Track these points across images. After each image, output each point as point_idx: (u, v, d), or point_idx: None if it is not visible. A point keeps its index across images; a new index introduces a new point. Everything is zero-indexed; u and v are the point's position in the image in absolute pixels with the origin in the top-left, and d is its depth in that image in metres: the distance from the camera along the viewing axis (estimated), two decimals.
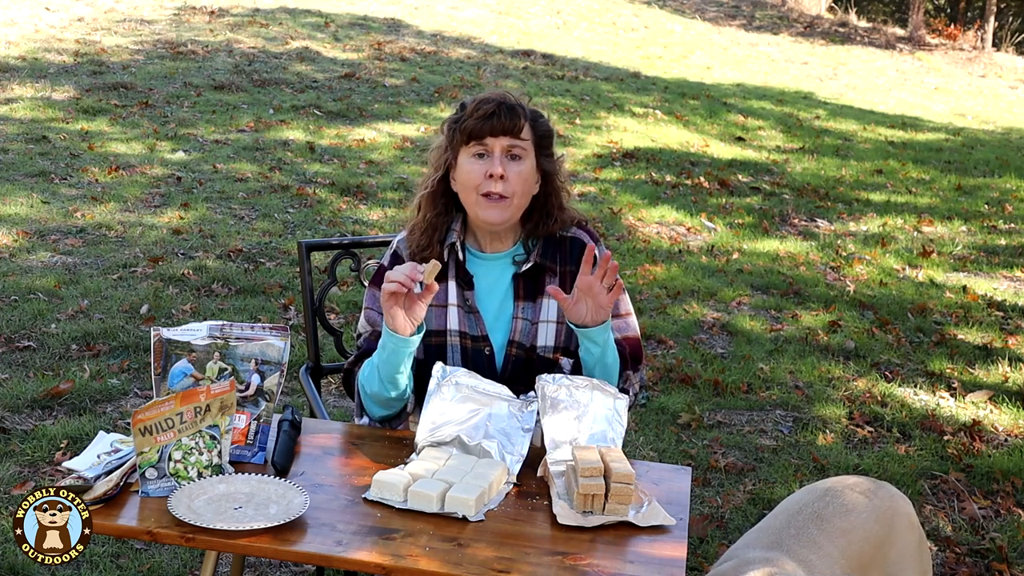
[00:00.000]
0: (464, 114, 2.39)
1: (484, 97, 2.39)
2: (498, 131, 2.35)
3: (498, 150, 2.36)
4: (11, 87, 9.33)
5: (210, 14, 13.39)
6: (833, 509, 2.30)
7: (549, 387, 2.21)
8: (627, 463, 2.01)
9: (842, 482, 2.43)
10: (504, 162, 2.35)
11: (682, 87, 12.74)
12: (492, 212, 2.37)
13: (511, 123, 2.36)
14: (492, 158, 2.36)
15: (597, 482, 1.95)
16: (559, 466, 2.11)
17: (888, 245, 7.16)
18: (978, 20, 21.48)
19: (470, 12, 15.98)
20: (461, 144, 2.39)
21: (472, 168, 2.37)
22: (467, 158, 2.38)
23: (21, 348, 4.61)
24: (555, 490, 2.04)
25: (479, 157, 2.37)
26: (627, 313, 2.50)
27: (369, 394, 2.35)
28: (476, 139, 2.36)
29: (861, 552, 2.27)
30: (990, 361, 5.20)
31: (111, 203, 6.71)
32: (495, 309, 2.45)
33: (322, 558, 1.83)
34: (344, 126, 9.21)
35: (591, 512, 1.96)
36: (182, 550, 3.24)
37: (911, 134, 11.49)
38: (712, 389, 4.67)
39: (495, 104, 2.36)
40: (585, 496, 1.95)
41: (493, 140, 2.35)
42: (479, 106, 2.37)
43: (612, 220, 7.26)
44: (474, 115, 2.36)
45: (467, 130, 2.36)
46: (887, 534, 2.33)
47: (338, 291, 5.45)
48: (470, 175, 2.37)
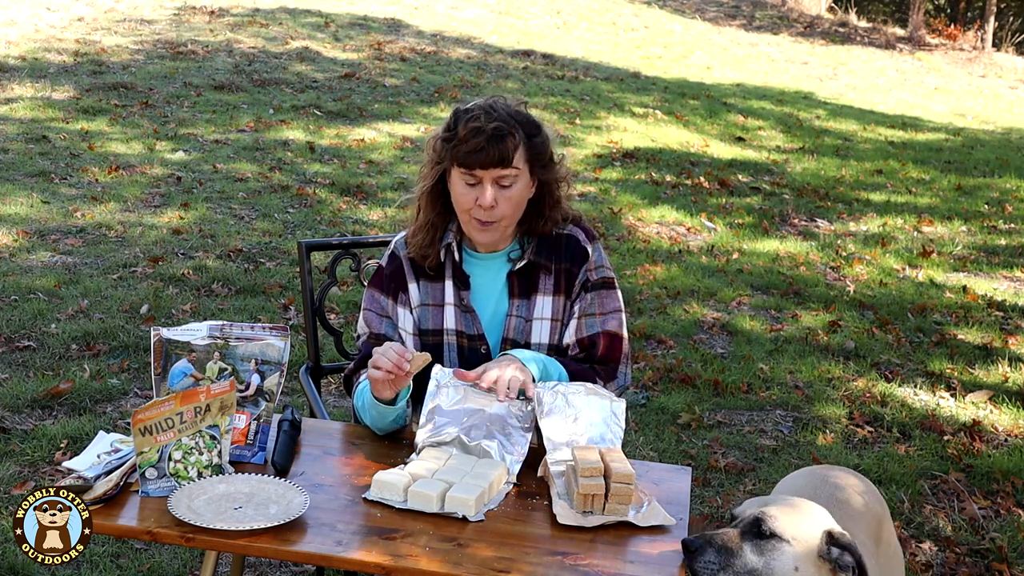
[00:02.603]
0: (456, 137, 2.32)
1: (476, 125, 2.30)
2: (488, 164, 2.30)
3: (488, 180, 2.32)
4: (11, 87, 9.33)
5: (210, 14, 13.39)
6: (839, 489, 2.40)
7: (546, 395, 2.22)
8: (627, 463, 2.01)
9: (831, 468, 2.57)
10: (495, 191, 2.32)
11: (682, 87, 12.74)
12: (483, 235, 2.39)
13: (500, 157, 2.30)
14: (482, 188, 2.32)
15: (597, 482, 1.95)
16: (559, 466, 2.11)
17: (888, 245, 7.16)
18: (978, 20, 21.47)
19: (470, 12, 15.98)
20: (452, 164, 2.35)
21: (463, 192, 2.34)
22: (459, 179, 2.35)
23: (21, 348, 4.61)
24: (555, 490, 2.04)
25: (469, 185, 2.33)
26: (613, 311, 2.46)
27: (365, 419, 2.37)
28: (466, 168, 2.32)
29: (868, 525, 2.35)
30: (990, 361, 5.20)
31: (111, 203, 6.71)
32: (491, 308, 2.45)
33: (322, 558, 1.83)
34: (344, 126, 9.20)
35: (591, 512, 1.96)
36: (182, 550, 3.24)
37: (911, 134, 11.49)
38: (712, 389, 4.67)
39: (485, 138, 2.28)
40: (585, 496, 1.95)
41: (483, 172, 2.31)
42: (470, 135, 2.29)
43: (612, 220, 7.26)
44: (464, 144, 2.30)
45: (457, 158, 2.32)
46: (884, 513, 2.44)
47: (338, 291, 5.45)
48: (462, 197, 2.35)
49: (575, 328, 2.43)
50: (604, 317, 2.44)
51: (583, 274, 2.44)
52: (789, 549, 1.94)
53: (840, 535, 1.95)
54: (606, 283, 2.46)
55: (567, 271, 2.44)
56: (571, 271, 2.44)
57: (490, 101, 2.38)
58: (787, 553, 1.93)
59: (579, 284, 2.44)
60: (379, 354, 2.18)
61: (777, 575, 1.92)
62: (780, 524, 1.96)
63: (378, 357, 2.17)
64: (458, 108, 2.40)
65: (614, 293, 2.47)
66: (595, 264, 2.46)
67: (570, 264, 2.44)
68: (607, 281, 2.46)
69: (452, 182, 2.38)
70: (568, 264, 2.44)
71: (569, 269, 2.44)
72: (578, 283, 2.44)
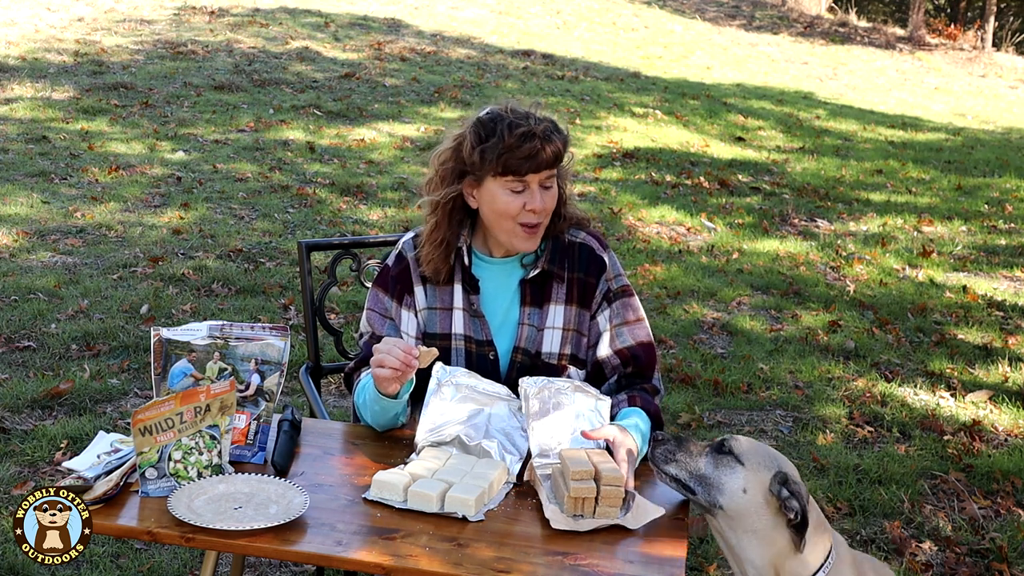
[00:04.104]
0: (500, 143, 2.26)
1: (525, 131, 2.25)
2: (543, 167, 2.28)
3: (535, 183, 2.29)
4: (11, 87, 9.33)
5: (210, 14, 13.39)
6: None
7: (532, 389, 2.20)
8: (615, 465, 2.01)
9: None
10: (541, 193, 2.30)
11: (682, 87, 12.74)
12: (529, 242, 2.35)
13: (555, 156, 2.29)
14: (531, 192, 2.29)
15: (588, 485, 1.94)
16: (545, 469, 2.09)
17: (888, 245, 7.16)
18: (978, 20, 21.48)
19: (470, 12, 15.98)
20: (494, 173, 2.29)
21: (509, 200, 2.29)
22: (500, 188, 2.29)
23: (21, 348, 4.61)
24: (543, 494, 2.03)
25: (516, 191, 2.29)
26: (637, 320, 2.43)
27: (365, 416, 2.36)
28: (515, 175, 2.28)
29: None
30: (990, 361, 5.20)
31: (111, 203, 6.71)
32: (501, 314, 2.41)
33: (322, 558, 1.83)
34: (344, 126, 9.20)
35: (581, 515, 1.95)
36: (182, 550, 3.24)
37: (911, 134, 11.49)
38: (712, 389, 4.67)
39: (539, 142, 2.25)
40: (576, 499, 1.94)
41: (534, 175, 2.28)
42: (520, 142, 2.24)
43: (612, 220, 7.26)
44: (516, 151, 2.25)
45: (507, 165, 2.26)
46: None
47: (338, 291, 5.45)
48: (507, 207, 2.30)
49: (608, 340, 2.39)
50: (634, 326, 2.41)
51: (603, 284, 2.41)
52: (742, 471, 2.03)
53: (794, 481, 2.03)
54: (626, 291, 2.43)
55: (581, 281, 2.41)
56: (587, 281, 2.41)
57: (513, 105, 2.34)
58: (739, 474, 2.03)
59: (600, 295, 2.41)
60: (383, 352, 2.15)
61: (725, 490, 2.02)
62: (740, 448, 2.06)
63: (383, 356, 2.14)
64: (483, 118, 2.32)
65: (635, 300, 2.45)
66: (613, 273, 2.43)
67: (585, 274, 2.41)
68: (627, 289, 2.44)
69: (489, 193, 2.31)
70: (583, 274, 2.41)
71: (584, 279, 2.41)
72: (599, 294, 2.41)
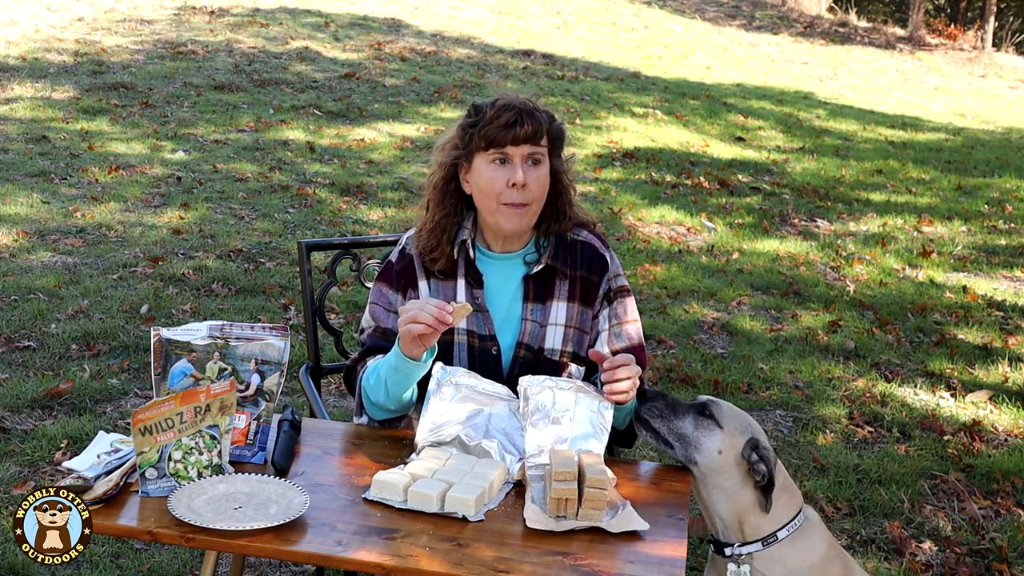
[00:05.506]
0: (483, 119, 2.33)
1: (505, 103, 2.33)
2: (520, 139, 2.30)
3: (519, 158, 2.32)
4: (11, 87, 9.33)
5: (210, 14, 13.39)
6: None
7: (533, 389, 2.20)
8: (604, 468, 2.00)
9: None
10: (525, 169, 2.32)
11: (682, 87, 12.74)
12: (512, 221, 2.35)
13: (533, 131, 2.31)
14: (513, 166, 2.31)
15: (570, 486, 1.92)
16: (538, 470, 2.09)
17: (888, 245, 7.16)
18: (978, 20, 21.48)
19: (470, 12, 15.98)
20: (479, 149, 2.34)
21: (492, 176, 2.32)
22: (485, 164, 2.34)
23: (21, 348, 4.61)
24: (530, 493, 2.02)
25: (499, 163, 2.32)
26: (633, 320, 2.48)
27: (373, 401, 2.34)
28: (496, 147, 2.31)
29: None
30: (990, 361, 5.20)
31: (111, 203, 6.71)
32: (504, 309, 2.42)
33: (322, 558, 1.83)
34: (344, 126, 9.20)
35: (564, 517, 1.94)
36: (182, 550, 3.24)
37: (911, 134, 11.49)
38: (712, 389, 4.66)
39: (516, 112, 2.31)
40: (558, 500, 1.93)
41: (514, 148, 2.31)
42: (499, 113, 2.30)
43: (612, 220, 7.26)
44: (495, 122, 2.30)
45: (487, 137, 2.31)
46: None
47: (338, 291, 5.45)
48: (491, 183, 2.32)
49: (607, 339, 2.43)
50: (629, 327, 2.46)
51: (605, 283, 2.45)
52: (720, 434, 2.21)
53: (764, 448, 2.20)
54: (625, 292, 2.48)
55: (584, 279, 2.43)
56: (589, 279, 2.43)
57: (509, 93, 2.40)
58: (716, 436, 2.21)
59: (602, 294, 2.44)
60: (416, 309, 2.11)
61: (703, 449, 2.21)
62: (720, 413, 2.24)
63: (416, 312, 2.11)
64: (476, 102, 2.41)
65: (632, 301, 2.49)
66: (614, 273, 2.47)
67: (588, 272, 2.43)
68: (626, 290, 2.48)
69: (476, 172, 2.35)
70: (585, 272, 2.43)
71: (587, 277, 2.43)
72: (601, 293, 2.44)
